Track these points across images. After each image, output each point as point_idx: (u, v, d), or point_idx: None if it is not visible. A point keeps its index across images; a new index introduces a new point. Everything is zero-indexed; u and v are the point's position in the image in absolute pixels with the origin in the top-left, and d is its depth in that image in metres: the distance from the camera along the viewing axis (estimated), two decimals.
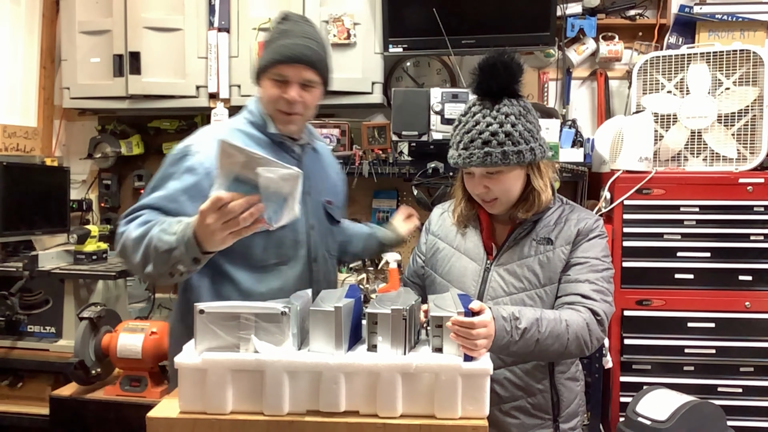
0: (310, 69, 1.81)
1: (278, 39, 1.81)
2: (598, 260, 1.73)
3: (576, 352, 1.63)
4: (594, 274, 1.71)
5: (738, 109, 2.82)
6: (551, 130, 2.99)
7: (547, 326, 1.57)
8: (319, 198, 1.97)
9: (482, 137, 1.65)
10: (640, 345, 2.76)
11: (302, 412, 1.38)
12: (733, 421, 2.52)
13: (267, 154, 1.65)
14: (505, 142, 1.65)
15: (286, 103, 1.81)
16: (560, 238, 1.75)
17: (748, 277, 2.71)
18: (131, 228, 1.66)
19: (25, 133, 3.38)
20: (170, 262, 1.56)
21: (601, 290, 1.69)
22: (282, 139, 1.87)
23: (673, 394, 2.44)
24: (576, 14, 3.23)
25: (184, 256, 1.53)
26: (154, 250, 1.57)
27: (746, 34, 3.09)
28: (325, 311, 1.40)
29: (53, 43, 3.61)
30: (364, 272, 3.36)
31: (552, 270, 1.73)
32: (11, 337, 3.01)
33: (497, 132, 1.65)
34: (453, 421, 1.37)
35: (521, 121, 1.67)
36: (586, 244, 1.75)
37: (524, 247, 1.76)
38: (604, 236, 1.80)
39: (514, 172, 1.70)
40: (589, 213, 1.83)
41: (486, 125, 1.66)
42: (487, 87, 1.70)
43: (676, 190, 2.74)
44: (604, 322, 1.67)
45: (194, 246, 1.51)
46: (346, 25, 3.05)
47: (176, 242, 1.54)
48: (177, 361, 1.40)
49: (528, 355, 1.62)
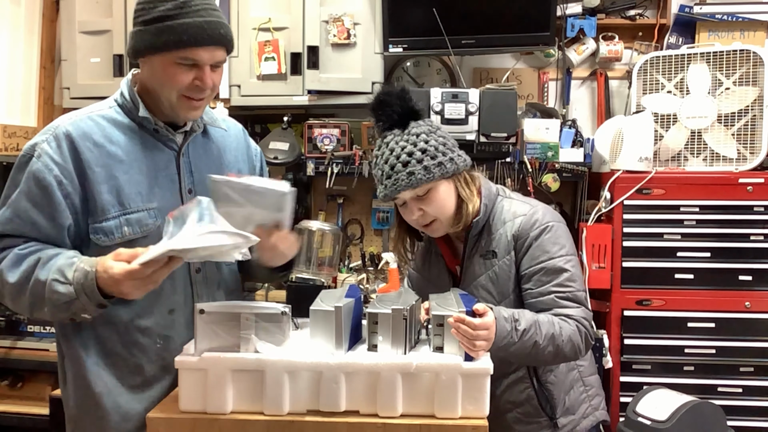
0: (223, 48, 1.55)
1: (181, 14, 1.48)
2: (553, 259, 1.68)
3: (570, 355, 1.65)
4: (556, 279, 1.67)
5: (738, 109, 2.82)
6: (551, 130, 3.00)
7: (544, 328, 1.58)
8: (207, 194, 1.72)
9: (400, 161, 1.66)
10: (640, 345, 2.76)
11: (302, 411, 1.38)
12: (733, 421, 2.52)
13: (135, 142, 1.58)
14: (422, 158, 1.66)
15: (198, 89, 1.54)
16: (500, 249, 1.73)
17: (748, 277, 2.71)
18: (2, 269, 1.47)
19: (25, 133, 3.38)
20: (71, 310, 1.43)
21: (570, 296, 1.66)
22: (156, 127, 1.60)
23: (673, 394, 2.44)
24: (576, 14, 3.22)
25: (87, 305, 1.41)
26: (49, 302, 1.42)
27: (746, 34, 3.09)
28: (326, 311, 1.40)
29: (53, 43, 3.61)
30: (364, 272, 3.36)
31: (502, 284, 1.73)
32: (11, 337, 3.00)
33: (413, 152, 1.66)
34: (453, 420, 1.37)
35: (433, 137, 1.69)
36: (532, 249, 1.69)
37: (475, 266, 1.76)
38: (548, 225, 1.71)
39: (442, 187, 1.69)
40: (522, 206, 1.76)
41: (401, 149, 1.67)
42: (389, 119, 1.72)
43: (676, 190, 2.74)
44: (588, 325, 1.67)
45: (98, 295, 1.39)
46: (346, 25, 3.05)
47: (76, 293, 1.40)
48: (178, 361, 1.40)
49: (524, 357, 1.62)
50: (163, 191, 1.60)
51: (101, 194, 1.52)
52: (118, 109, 1.61)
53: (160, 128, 1.60)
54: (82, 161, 1.51)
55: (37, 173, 1.49)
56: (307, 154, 3.18)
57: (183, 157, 1.65)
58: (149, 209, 1.57)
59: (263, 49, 3.05)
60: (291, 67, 3.09)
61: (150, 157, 1.60)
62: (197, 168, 1.67)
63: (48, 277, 1.42)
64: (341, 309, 1.39)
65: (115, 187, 1.54)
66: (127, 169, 1.55)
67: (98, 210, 1.52)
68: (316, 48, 3.07)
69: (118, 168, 1.54)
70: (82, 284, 1.39)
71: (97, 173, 1.52)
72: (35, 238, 1.50)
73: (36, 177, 1.49)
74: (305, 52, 3.07)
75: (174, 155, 1.64)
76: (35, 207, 1.49)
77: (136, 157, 1.57)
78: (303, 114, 3.34)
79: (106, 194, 1.52)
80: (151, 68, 1.55)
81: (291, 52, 3.09)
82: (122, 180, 1.54)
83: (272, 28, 3.09)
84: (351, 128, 3.19)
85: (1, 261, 1.48)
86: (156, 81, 1.55)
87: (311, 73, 3.07)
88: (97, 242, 1.53)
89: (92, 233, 1.53)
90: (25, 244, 1.49)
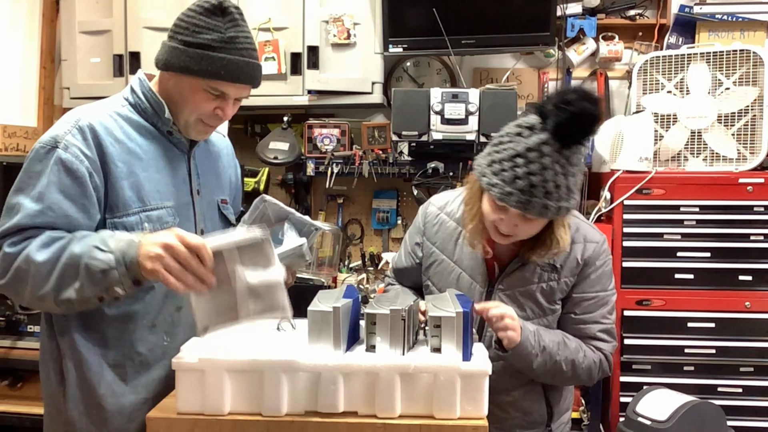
0: (251, 87, 1.62)
1: (224, 48, 1.51)
2: (605, 292, 1.72)
3: (584, 380, 1.72)
4: (601, 311, 1.71)
5: (738, 109, 2.81)
6: None
7: (568, 351, 1.65)
8: (212, 197, 1.76)
9: (546, 186, 1.46)
10: (640, 345, 2.76)
11: (301, 412, 1.38)
12: (733, 421, 2.51)
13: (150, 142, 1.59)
14: (561, 197, 1.49)
15: (217, 118, 1.60)
16: (566, 268, 1.69)
17: (748, 277, 2.71)
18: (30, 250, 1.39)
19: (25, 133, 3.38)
20: (105, 283, 1.36)
21: (609, 329, 1.72)
22: (172, 129, 1.62)
23: (673, 394, 2.44)
24: (576, 14, 3.22)
25: (124, 277, 1.35)
26: (85, 270, 1.36)
27: (746, 34, 3.09)
28: (324, 311, 1.40)
29: (53, 43, 3.61)
30: (364, 272, 3.36)
31: (553, 299, 1.72)
32: (11, 337, 3.00)
33: (560, 185, 1.47)
34: (452, 421, 1.37)
35: (579, 175, 1.53)
36: (593, 277, 1.70)
37: (527, 273, 1.69)
38: (610, 259, 1.75)
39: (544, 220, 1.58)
40: (595, 233, 1.74)
41: (554, 173, 1.46)
42: (567, 133, 1.46)
43: (676, 190, 2.74)
44: (611, 362, 1.73)
45: (137, 267, 1.34)
46: (346, 25, 3.05)
47: (115, 262, 1.34)
48: (175, 362, 1.39)
49: (543, 374, 1.66)
50: (177, 191, 1.63)
51: (123, 189, 1.52)
52: (131, 108, 1.61)
53: (174, 131, 1.63)
54: (105, 155, 1.50)
55: (68, 163, 1.45)
56: (307, 154, 3.18)
57: (192, 159, 1.69)
58: (167, 207, 1.59)
59: (263, 49, 3.05)
60: (291, 67, 3.10)
61: (164, 157, 1.62)
62: (202, 171, 1.72)
63: (86, 247, 1.37)
64: (339, 309, 1.39)
65: (135, 183, 1.54)
66: (145, 167, 1.56)
67: (120, 205, 1.52)
68: (316, 48, 3.07)
69: (137, 165, 1.55)
70: (123, 252, 1.35)
71: (119, 168, 1.52)
72: (65, 228, 1.45)
73: (67, 167, 1.45)
74: (305, 52, 3.07)
75: (185, 157, 1.67)
76: (68, 198, 1.45)
77: (152, 156, 1.59)
78: (303, 114, 3.34)
79: (127, 190, 1.52)
80: (177, 84, 1.56)
81: (291, 52, 3.09)
82: (142, 177, 1.55)
83: (272, 28, 3.09)
84: (351, 128, 3.19)
85: (28, 242, 1.41)
86: (179, 98, 1.58)
87: (311, 73, 3.08)
88: None
89: (111, 228, 1.50)
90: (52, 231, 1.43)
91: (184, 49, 1.51)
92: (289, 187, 3.36)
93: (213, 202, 1.77)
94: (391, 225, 3.40)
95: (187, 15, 1.53)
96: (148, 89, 1.61)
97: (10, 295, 1.52)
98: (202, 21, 1.51)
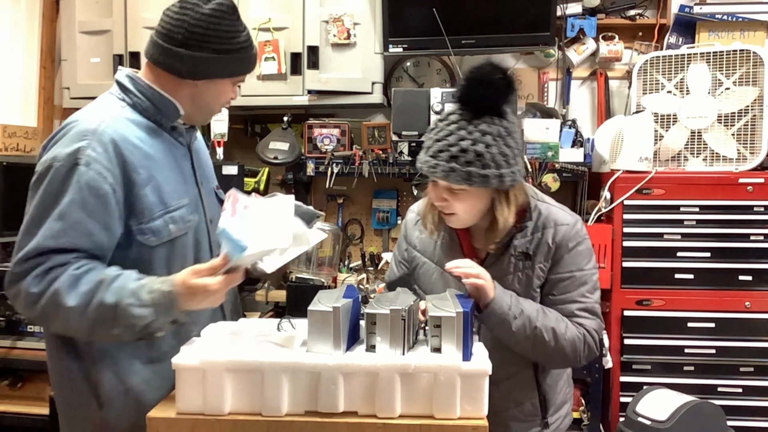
0: None
1: (250, 45, 1.63)
2: (582, 272, 1.70)
3: (570, 357, 1.67)
4: (580, 290, 1.69)
5: (738, 109, 2.81)
6: (551, 130, 2.99)
7: (548, 321, 1.63)
8: (210, 186, 1.81)
9: (451, 150, 1.55)
10: (640, 345, 2.76)
11: (300, 412, 1.38)
12: (733, 421, 2.52)
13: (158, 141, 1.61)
14: (473, 161, 1.54)
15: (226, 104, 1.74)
16: (538, 254, 1.69)
17: (748, 277, 2.71)
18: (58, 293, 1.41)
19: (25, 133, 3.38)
20: (146, 331, 1.44)
21: (589, 308, 1.69)
22: (176, 125, 1.67)
23: (673, 394, 2.45)
24: (576, 14, 3.22)
25: (164, 324, 1.45)
26: (124, 324, 1.41)
27: (746, 34, 3.09)
28: (324, 311, 1.39)
29: (53, 43, 3.61)
30: (364, 272, 3.36)
31: (532, 286, 1.71)
32: (11, 337, 3.00)
33: (468, 149, 1.54)
34: (452, 421, 1.37)
35: (498, 144, 1.55)
36: (567, 258, 1.69)
37: (503, 265, 1.71)
38: (586, 239, 1.73)
39: (477, 193, 1.61)
40: (565, 215, 1.74)
41: (458, 139, 1.55)
42: (470, 100, 1.58)
43: (676, 190, 2.74)
44: (597, 340, 1.70)
45: (178, 312, 1.44)
46: (346, 25, 3.05)
47: (155, 314, 1.42)
48: (175, 362, 1.39)
49: (524, 342, 1.63)
50: (188, 186, 1.67)
51: (147, 196, 1.54)
52: (132, 109, 1.61)
53: (179, 126, 1.67)
54: (127, 164, 1.51)
55: (92, 182, 1.46)
56: (307, 154, 3.18)
57: (193, 152, 1.73)
58: (185, 205, 1.62)
59: (263, 49, 3.05)
60: (291, 67, 3.10)
61: (172, 154, 1.65)
62: (198, 161, 1.76)
63: (120, 301, 1.41)
64: (339, 309, 1.39)
65: (156, 187, 1.56)
66: (161, 167, 1.58)
67: (145, 211, 1.54)
68: (316, 48, 3.07)
69: (154, 168, 1.57)
70: (160, 304, 1.41)
71: (140, 175, 1.53)
72: (87, 249, 1.46)
73: (91, 186, 1.46)
74: (305, 52, 3.07)
75: (187, 151, 1.71)
76: (91, 217, 1.46)
77: (164, 155, 1.61)
78: (303, 114, 3.34)
79: (150, 195, 1.54)
80: (208, 88, 1.62)
81: (291, 52, 3.09)
82: (160, 179, 1.57)
83: (272, 28, 3.09)
84: (351, 128, 3.19)
85: (54, 280, 1.41)
86: (211, 98, 1.65)
87: (311, 73, 3.08)
88: (145, 242, 1.54)
89: (139, 234, 1.53)
90: (76, 261, 1.44)
91: (219, 57, 1.57)
92: (289, 187, 3.36)
93: (211, 191, 1.81)
94: (391, 225, 3.40)
95: (207, 22, 1.54)
96: (147, 87, 1.60)
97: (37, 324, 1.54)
98: (227, 26, 1.56)
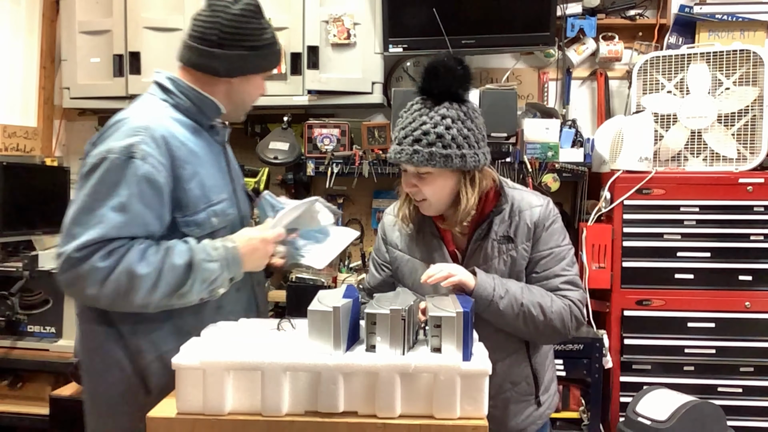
0: None
1: (275, 42, 1.77)
2: (560, 247, 1.79)
3: (560, 329, 1.72)
4: (560, 265, 1.78)
5: (738, 109, 2.82)
6: (551, 130, 2.99)
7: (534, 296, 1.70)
8: (240, 181, 1.91)
9: (414, 135, 1.65)
10: (640, 345, 2.76)
11: (300, 412, 1.38)
12: (733, 421, 2.52)
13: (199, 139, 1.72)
14: (434, 143, 1.63)
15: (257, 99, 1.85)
16: (519, 236, 1.77)
17: (748, 277, 2.71)
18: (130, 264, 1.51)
19: (25, 133, 3.38)
20: (212, 287, 1.61)
21: (571, 280, 1.78)
22: (214, 123, 1.79)
23: (673, 394, 2.45)
24: (576, 14, 3.22)
25: (225, 280, 1.62)
26: (199, 278, 1.57)
27: (746, 34, 3.09)
28: (324, 311, 1.40)
29: (53, 43, 3.61)
30: (364, 272, 3.36)
31: (517, 267, 1.78)
32: (11, 337, 3.00)
33: (429, 132, 1.64)
34: (452, 421, 1.37)
35: (457, 125, 1.65)
36: (545, 236, 1.78)
37: (487, 250, 1.77)
38: (558, 217, 1.83)
39: (443, 175, 1.69)
40: (537, 197, 1.83)
41: (420, 124, 1.65)
42: (428, 88, 1.69)
43: (676, 190, 2.74)
44: (582, 309, 1.77)
45: (240, 268, 1.63)
46: (346, 25, 3.05)
47: (221, 268, 1.60)
48: (175, 362, 1.39)
49: (514, 320, 1.69)
50: (225, 182, 1.78)
51: (192, 190, 1.64)
52: (174, 109, 1.71)
53: (216, 124, 1.79)
54: (175, 159, 1.61)
55: (149, 175, 1.55)
56: (307, 154, 3.18)
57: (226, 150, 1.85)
58: (225, 200, 1.73)
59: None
60: (291, 67, 3.10)
61: (211, 151, 1.75)
62: (232, 161, 1.88)
63: (192, 258, 1.57)
64: (339, 309, 1.39)
65: (200, 182, 1.66)
66: (203, 163, 1.69)
67: (190, 204, 1.64)
68: (316, 48, 3.07)
69: (198, 163, 1.67)
70: (225, 258, 1.60)
71: (186, 170, 1.63)
72: (142, 236, 1.57)
73: (148, 179, 1.55)
74: (305, 52, 3.07)
75: (221, 149, 1.82)
76: (148, 208, 1.56)
77: (205, 152, 1.72)
78: (303, 114, 3.34)
79: (195, 189, 1.65)
80: (242, 84, 1.75)
81: (291, 52, 3.09)
82: (203, 174, 1.68)
83: None
84: (351, 128, 3.19)
85: (122, 256, 1.51)
86: (245, 93, 1.78)
87: (311, 73, 3.08)
88: (189, 234, 1.65)
89: (184, 226, 1.64)
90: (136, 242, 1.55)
91: (254, 54, 1.71)
92: (289, 187, 3.36)
93: (242, 186, 1.91)
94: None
95: (238, 21, 1.67)
96: (189, 88, 1.71)
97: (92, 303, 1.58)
98: (255, 24, 1.70)
